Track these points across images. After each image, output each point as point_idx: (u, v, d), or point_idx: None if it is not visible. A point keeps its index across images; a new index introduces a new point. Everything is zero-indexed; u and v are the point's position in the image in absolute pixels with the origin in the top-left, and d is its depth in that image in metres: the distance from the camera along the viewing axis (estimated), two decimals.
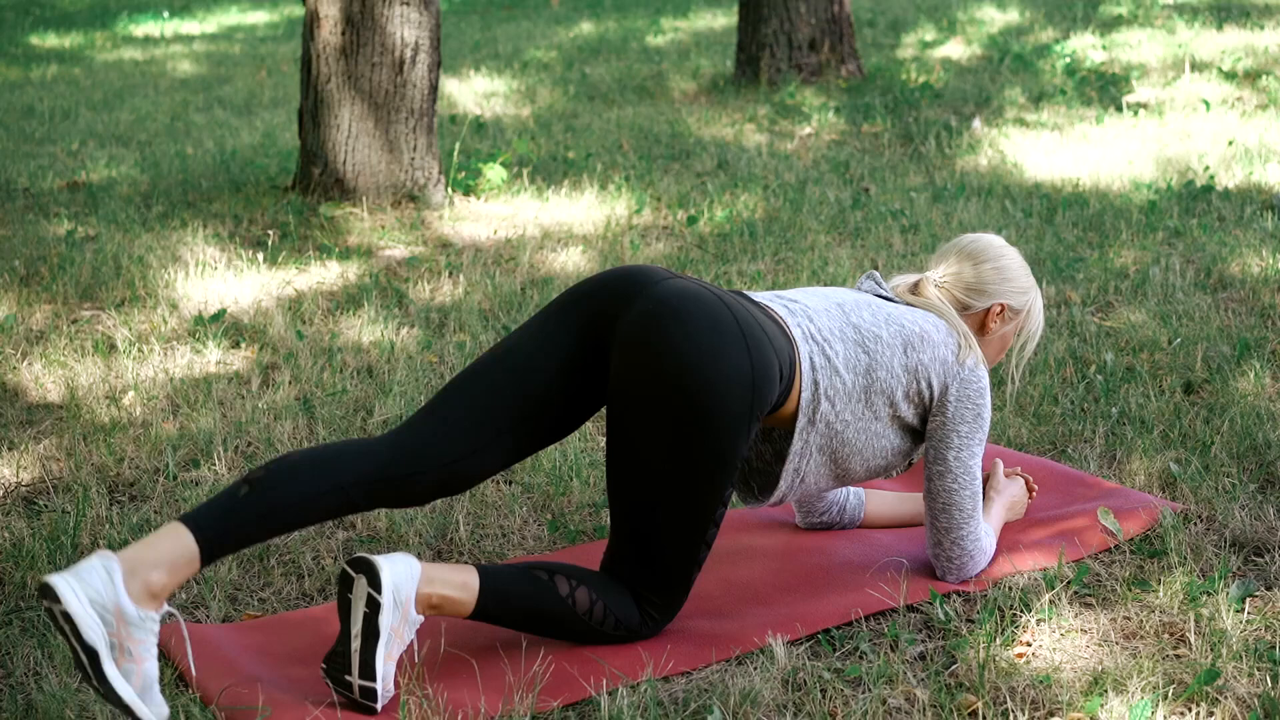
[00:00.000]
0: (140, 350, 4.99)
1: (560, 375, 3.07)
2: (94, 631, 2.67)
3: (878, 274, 3.47)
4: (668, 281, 3.05)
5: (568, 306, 3.11)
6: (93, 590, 2.69)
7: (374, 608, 2.79)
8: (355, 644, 2.80)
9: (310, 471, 2.91)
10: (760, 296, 3.23)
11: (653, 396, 2.95)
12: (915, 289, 3.43)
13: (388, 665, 2.82)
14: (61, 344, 5.04)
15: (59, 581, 2.67)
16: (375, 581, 2.80)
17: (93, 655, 2.67)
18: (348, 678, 2.81)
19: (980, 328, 3.44)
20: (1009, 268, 3.45)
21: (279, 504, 2.87)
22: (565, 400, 3.09)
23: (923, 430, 3.30)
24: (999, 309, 3.43)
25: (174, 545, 2.79)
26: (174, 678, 2.99)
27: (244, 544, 2.88)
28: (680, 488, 2.98)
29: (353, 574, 2.82)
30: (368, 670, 2.79)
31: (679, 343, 2.94)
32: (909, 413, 3.25)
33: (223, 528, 2.83)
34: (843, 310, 3.23)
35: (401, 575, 2.83)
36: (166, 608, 2.78)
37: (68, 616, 2.66)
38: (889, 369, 3.19)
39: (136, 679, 2.71)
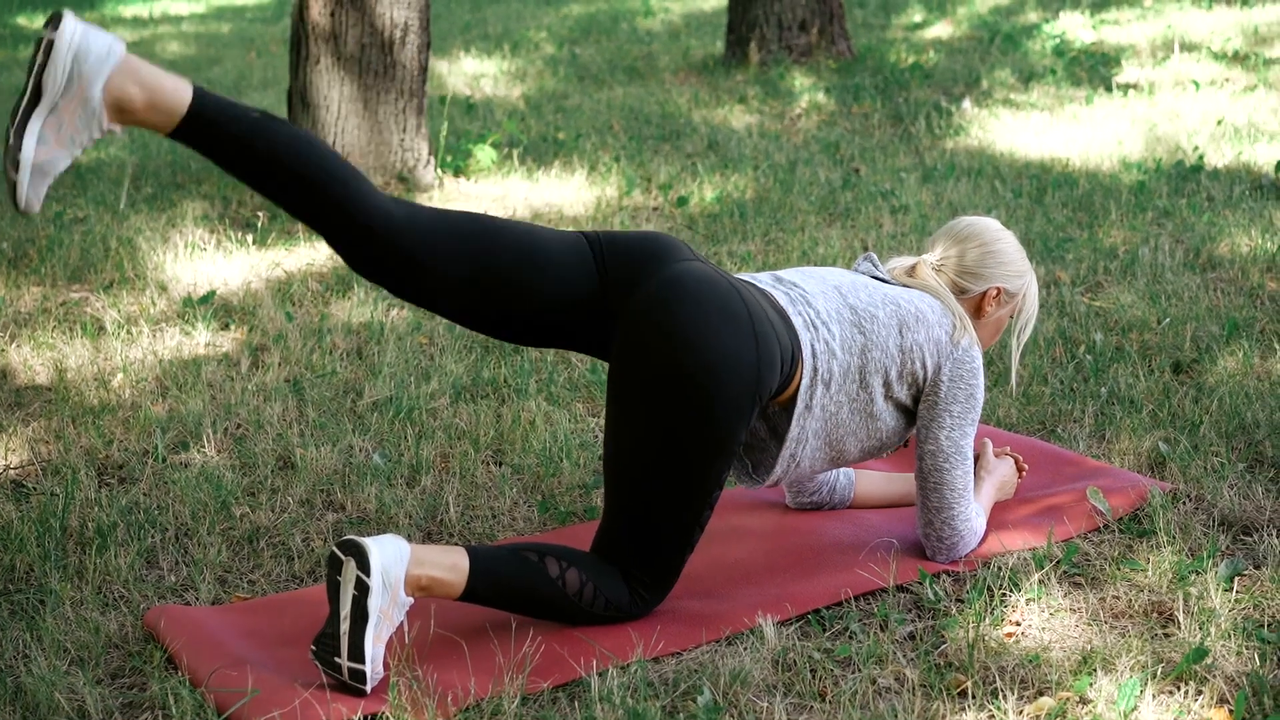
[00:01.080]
0: (129, 332, 4.98)
1: (566, 296, 3.04)
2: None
3: (874, 256, 3.47)
4: (687, 263, 3.05)
5: (601, 247, 3.09)
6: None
7: (363, 590, 2.79)
8: (344, 626, 2.80)
9: (317, 147, 2.89)
10: (763, 283, 3.22)
11: (656, 376, 2.95)
12: (912, 271, 3.44)
13: (377, 647, 2.82)
14: (50, 326, 5.03)
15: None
16: (364, 564, 2.80)
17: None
18: (337, 660, 2.81)
19: (976, 311, 3.44)
20: (1005, 251, 3.45)
21: (271, 134, 2.85)
22: (558, 314, 3.05)
23: (916, 410, 3.31)
24: (995, 292, 3.43)
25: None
26: (163, 660, 2.99)
27: (223, 136, 2.83)
28: (677, 471, 2.98)
29: (342, 556, 2.82)
30: (357, 652, 2.79)
31: (688, 325, 2.94)
32: (903, 393, 3.25)
33: (220, 105, 2.81)
34: (840, 293, 3.23)
35: (391, 557, 2.83)
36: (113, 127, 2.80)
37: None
38: (884, 349, 3.19)
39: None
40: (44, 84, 2.73)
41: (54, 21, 2.73)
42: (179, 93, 2.79)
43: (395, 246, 2.94)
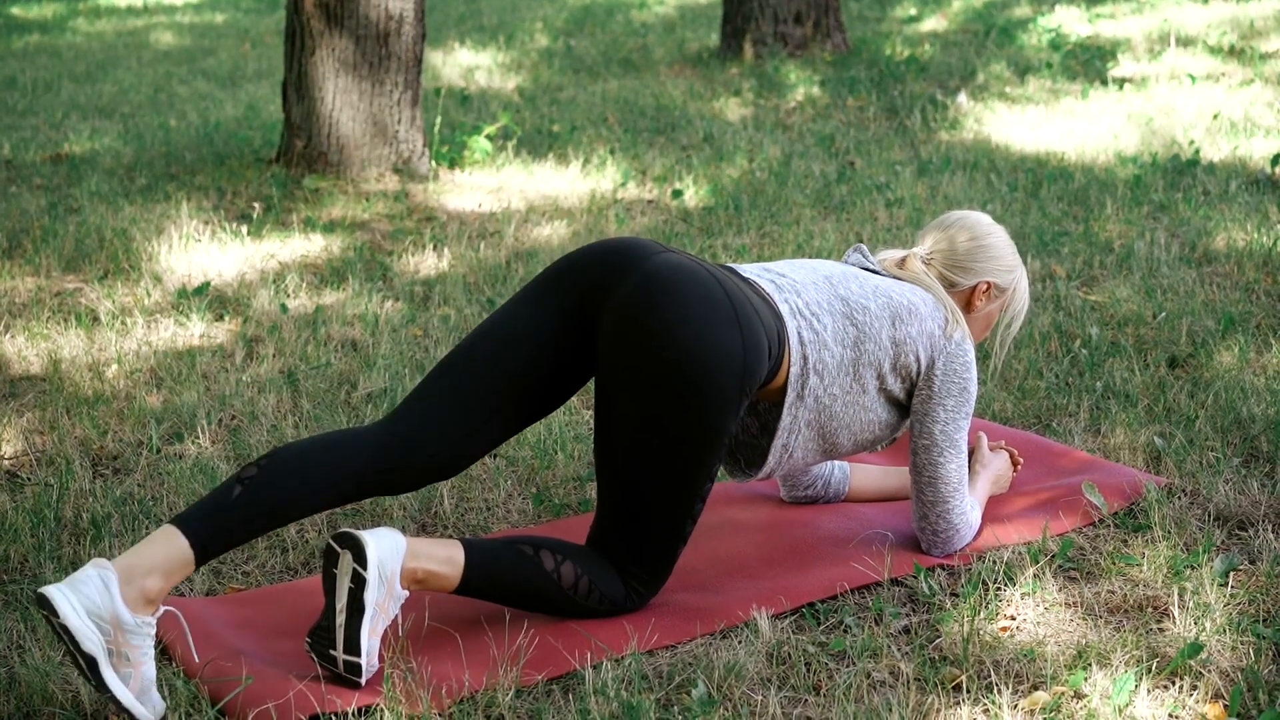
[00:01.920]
0: (123, 323, 4.97)
1: (547, 351, 3.06)
2: (91, 641, 2.70)
3: (864, 247, 3.47)
4: (660, 256, 3.04)
5: (556, 279, 3.10)
6: (89, 601, 2.71)
7: (359, 583, 2.79)
8: (340, 619, 2.80)
9: (302, 469, 2.91)
10: (748, 271, 3.22)
11: (643, 372, 2.94)
12: (902, 264, 3.43)
13: (372, 640, 2.81)
14: (44, 317, 5.02)
15: (55, 594, 2.70)
16: (361, 557, 2.79)
17: (91, 663, 2.70)
18: (332, 652, 2.80)
19: (966, 305, 3.44)
20: (995, 245, 3.45)
21: (271, 505, 2.88)
22: (552, 376, 3.08)
23: (909, 404, 3.30)
24: (985, 286, 3.43)
25: (168, 550, 2.80)
26: (157, 652, 2.98)
27: (237, 544, 2.88)
28: (668, 463, 2.98)
29: (338, 549, 2.82)
30: (352, 645, 2.79)
31: (671, 319, 2.93)
32: (896, 386, 3.25)
33: (216, 529, 2.83)
34: (830, 283, 3.23)
35: (387, 551, 2.83)
36: (163, 609, 2.79)
37: (65, 629, 2.69)
38: (876, 341, 3.19)
39: (134, 682, 2.73)
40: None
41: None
42: (177, 548, 2.82)
43: (440, 474, 3.05)
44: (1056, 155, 6.96)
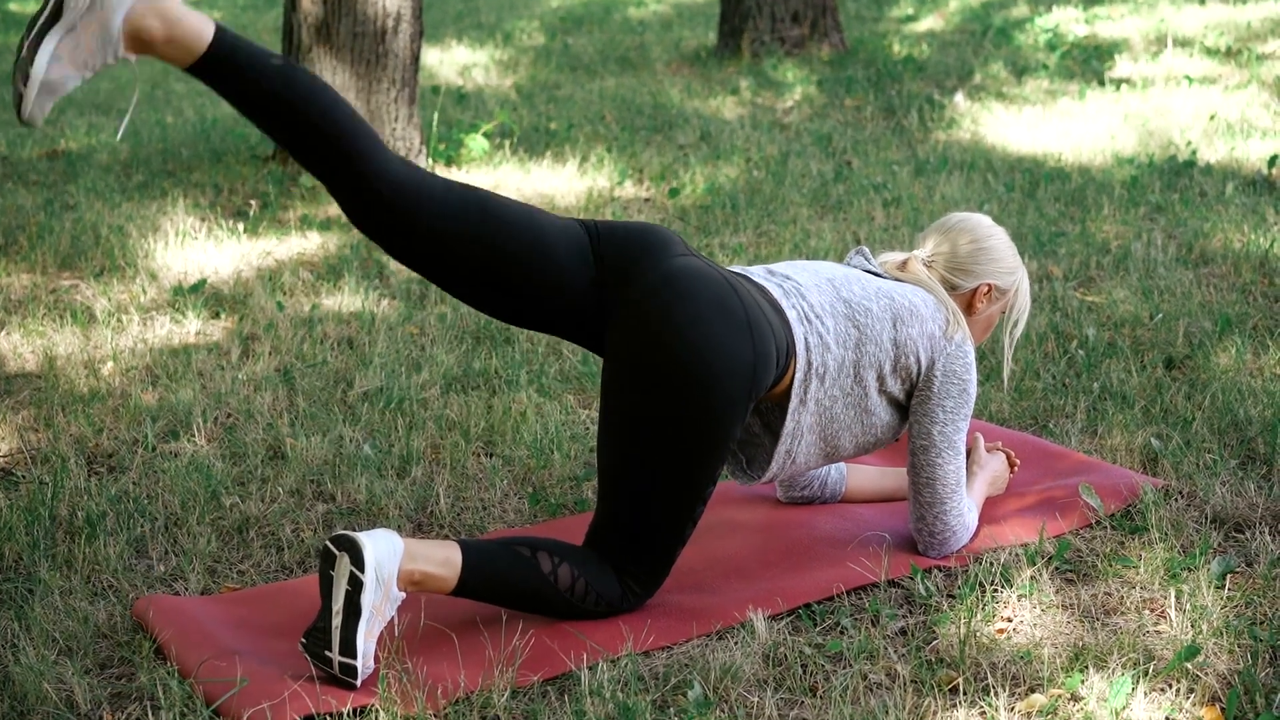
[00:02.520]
0: (119, 320, 4.97)
1: (559, 278, 3.03)
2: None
3: (866, 249, 3.47)
4: (681, 258, 3.04)
5: (598, 235, 3.08)
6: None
7: (356, 586, 2.78)
8: (336, 621, 2.79)
9: (326, 95, 2.90)
10: (757, 276, 3.21)
11: (652, 372, 2.94)
12: (903, 266, 3.43)
13: (368, 643, 2.81)
14: (40, 314, 5.02)
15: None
16: (358, 559, 2.79)
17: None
18: (328, 654, 2.80)
19: (967, 307, 3.44)
20: (996, 248, 3.44)
21: (291, 80, 2.87)
22: (551, 296, 3.04)
23: (909, 405, 3.30)
24: (986, 289, 3.43)
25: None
26: (152, 650, 2.98)
27: (243, 70, 2.84)
28: (671, 465, 2.98)
29: (335, 551, 2.81)
30: (348, 647, 2.78)
31: (683, 322, 2.93)
32: (896, 387, 3.25)
33: (239, 44, 2.82)
34: (833, 285, 3.23)
35: (384, 553, 2.82)
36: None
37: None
38: (878, 342, 3.19)
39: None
40: (65, 1, 2.73)
41: None
42: (200, 30, 2.80)
43: (403, 212, 2.94)
44: (1053, 156, 6.96)
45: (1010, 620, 3.03)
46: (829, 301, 3.18)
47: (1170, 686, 2.76)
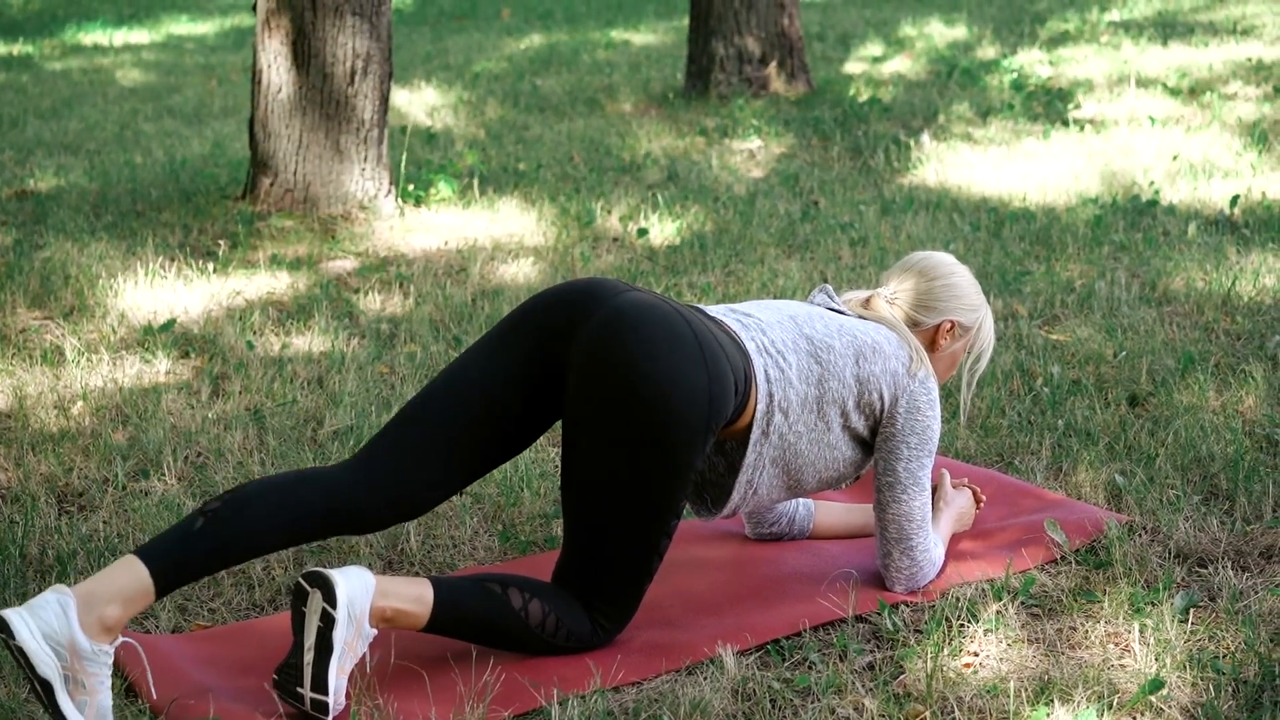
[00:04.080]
0: (89, 360, 4.97)
1: (514, 394, 3.09)
2: (47, 666, 2.71)
3: (830, 288, 3.50)
4: (625, 295, 3.07)
5: (525, 319, 3.13)
6: (46, 625, 2.72)
7: (328, 622, 2.80)
8: (308, 657, 2.80)
9: (265, 506, 2.93)
10: (714, 311, 3.25)
11: (609, 408, 2.97)
12: (867, 304, 3.46)
13: (340, 679, 2.82)
14: (9, 353, 5.02)
15: (13, 616, 2.71)
16: (330, 596, 2.80)
17: (47, 688, 2.71)
18: (299, 690, 2.81)
19: (930, 344, 3.47)
20: (959, 285, 3.48)
21: (234, 538, 2.89)
22: (517, 421, 3.11)
23: (873, 442, 3.33)
24: (949, 326, 3.46)
25: (128, 579, 2.81)
26: (123, 688, 2.98)
27: (198, 576, 2.90)
28: (634, 499, 3.00)
29: (308, 588, 2.82)
30: (320, 684, 2.79)
31: (636, 355, 2.95)
32: (860, 424, 3.28)
33: (177, 561, 2.84)
34: (795, 322, 3.26)
35: (357, 590, 2.84)
36: (121, 639, 2.79)
37: (21, 651, 2.70)
38: (840, 379, 3.22)
39: (90, 710, 2.74)
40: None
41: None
42: (144, 584, 2.82)
43: (405, 516, 3.08)
44: (1018, 195, 7.02)
45: (977, 655, 3.05)
46: (791, 338, 3.21)
47: (1135, 719, 2.79)
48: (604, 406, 2.98)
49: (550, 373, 3.08)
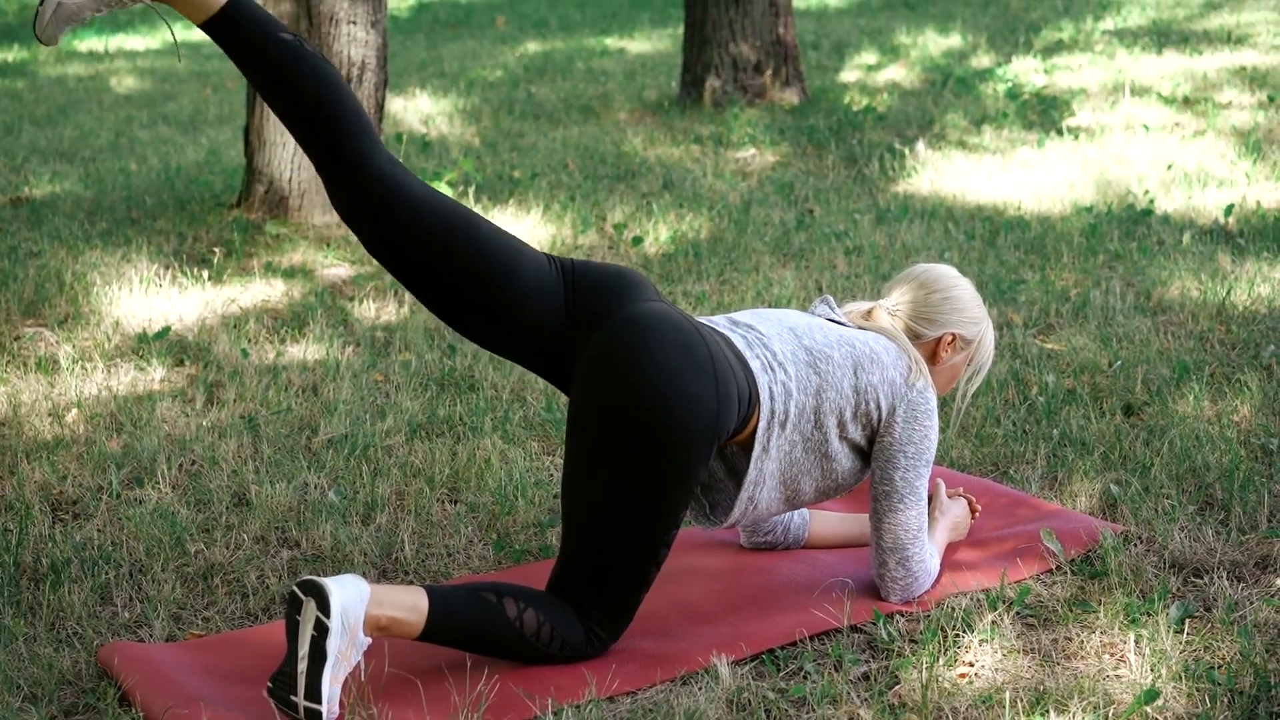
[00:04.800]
0: (83, 367, 4.96)
1: (539, 311, 3.07)
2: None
3: (830, 299, 3.50)
4: (649, 304, 3.08)
5: (575, 273, 3.12)
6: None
7: (322, 631, 2.79)
8: (302, 666, 2.80)
9: (329, 79, 3.00)
10: (717, 323, 3.25)
11: (616, 415, 2.97)
12: (868, 315, 3.46)
13: (334, 688, 2.82)
14: (3, 361, 5.01)
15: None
16: (324, 605, 2.80)
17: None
18: (293, 699, 2.81)
19: (931, 357, 3.47)
20: (961, 298, 3.48)
21: (299, 54, 2.99)
22: (516, 322, 3.08)
23: (870, 451, 3.33)
24: (950, 338, 3.46)
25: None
26: (117, 697, 2.98)
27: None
28: (635, 509, 3.00)
29: (302, 596, 2.82)
30: (314, 693, 2.79)
31: (647, 364, 2.96)
32: (857, 434, 3.27)
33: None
34: (795, 334, 3.26)
35: (351, 598, 2.83)
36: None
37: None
38: (838, 389, 3.22)
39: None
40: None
41: None
42: None
43: (388, 208, 3.02)
44: (1013, 204, 7.02)
45: (972, 665, 3.05)
46: (790, 349, 3.22)
47: None
48: (609, 411, 2.98)
49: (562, 334, 3.08)
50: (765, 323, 3.29)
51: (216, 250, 6.40)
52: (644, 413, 2.95)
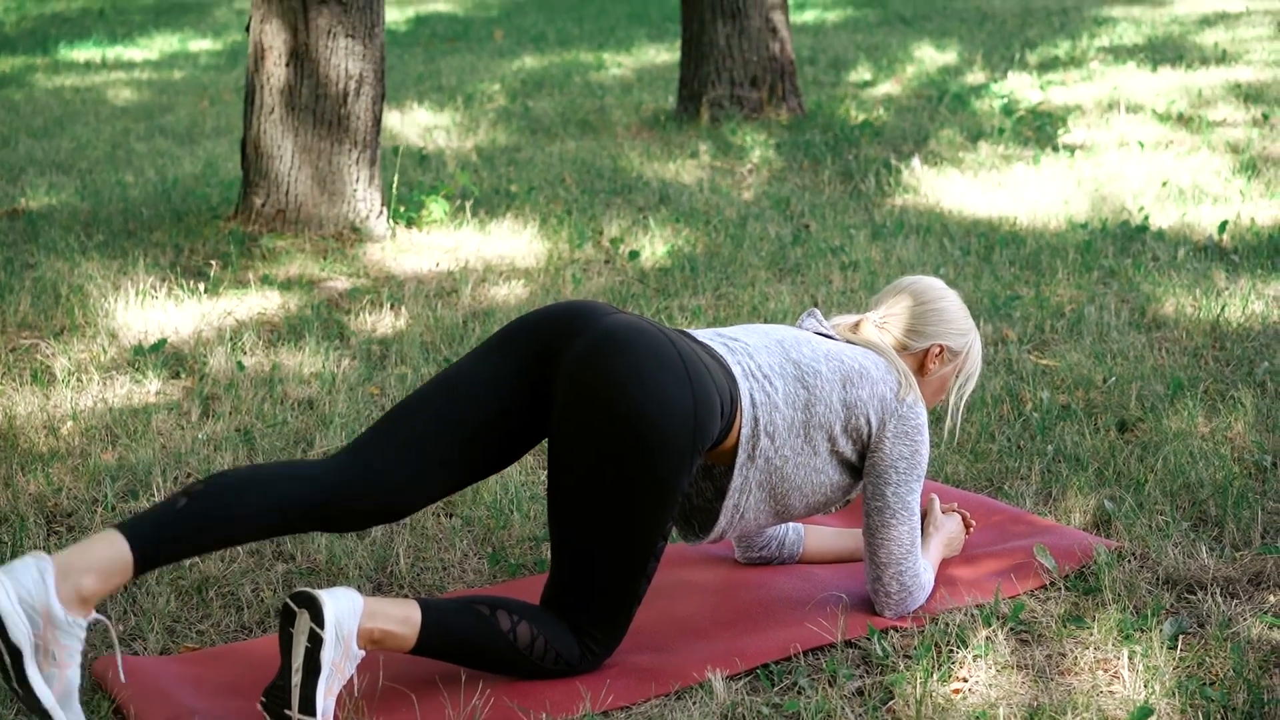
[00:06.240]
0: (79, 380, 4.97)
1: (502, 407, 3.09)
2: (20, 631, 2.69)
3: (818, 312, 3.51)
4: (613, 316, 3.08)
5: (512, 338, 3.14)
6: (23, 589, 2.70)
7: (316, 643, 2.79)
8: (296, 679, 2.80)
9: (249, 491, 2.93)
10: (701, 335, 3.26)
11: (595, 428, 2.97)
12: (856, 328, 3.47)
13: (328, 700, 2.81)
14: None
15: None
16: (318, 617, 2.80)
17: (16, 655, 2.69)
18: (287, 712, 2.80)
19: (919, 368, 3.48)
20: (948, 310, 3.49)
21: (216, 520, 2.89)
22: (506, 432, 3.11)
23: (861, 467, 3.33)
24: (938, 350, 3.47)
25: (108, 552, 2.80)
26: (111, 710, 2.97)
27: (177, 557, 2.89)
28: (621, 520, 3.00)
29: (295, 608, 2.82)
30: (308, 705, 2.79)
31: (622, 375, 2.96)
32: (848, 448, 3.28)
33: (158, 538, 2.83)
34: (783, 347, 3.26)
35: (344, 610, 2.83)
36: (95, 615, 2.78)
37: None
38: (828, 404, 3.22)
39: (58, 685, 2.72)
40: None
41: None
42: (123, 555, 2.81)
43: (387, 516, 3.09)
44: (1008, 220, 7.03)
45: (966, 680, 3.06)
46: (778, 363, 3.22)
47: None
48: (589, 424, 2.99)
49: (536, 390, 3.09)
50: (751, 335, 3.31)
51: (213, 262, 6.40)
52: (622, 421, 2.95)
